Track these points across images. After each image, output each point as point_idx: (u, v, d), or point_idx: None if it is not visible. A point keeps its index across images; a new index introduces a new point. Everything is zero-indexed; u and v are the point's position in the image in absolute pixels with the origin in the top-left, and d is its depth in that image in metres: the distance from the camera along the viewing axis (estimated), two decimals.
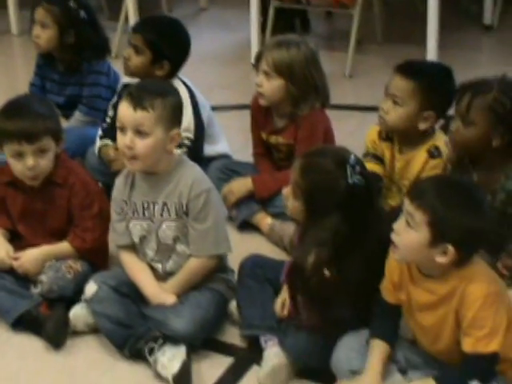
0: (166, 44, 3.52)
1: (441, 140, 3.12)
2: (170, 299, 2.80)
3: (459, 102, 2.80)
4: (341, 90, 3.65)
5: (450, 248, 2.27)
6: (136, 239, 2.88)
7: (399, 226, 2.34)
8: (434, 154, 3.10)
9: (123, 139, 2.72)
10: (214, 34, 5.74)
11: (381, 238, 2.47)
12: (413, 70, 3.13)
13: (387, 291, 2.52)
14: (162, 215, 2.82)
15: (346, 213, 2.53)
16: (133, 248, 2.91)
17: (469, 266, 2.35)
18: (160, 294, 2.83)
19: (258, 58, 3.47)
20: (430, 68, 3.37)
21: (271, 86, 3.40)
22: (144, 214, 2.84)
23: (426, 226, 2.27)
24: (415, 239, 2.30)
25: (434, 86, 3.09)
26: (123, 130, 2.72)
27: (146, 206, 2.83)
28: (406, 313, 2.51)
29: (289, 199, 2.64)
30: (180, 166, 2.84)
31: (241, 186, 3.51)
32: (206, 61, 5.10)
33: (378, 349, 2.47)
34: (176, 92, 2.89)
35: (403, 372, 2.52)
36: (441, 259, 2.29)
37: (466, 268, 2.34)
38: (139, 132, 2.70)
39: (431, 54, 4.71)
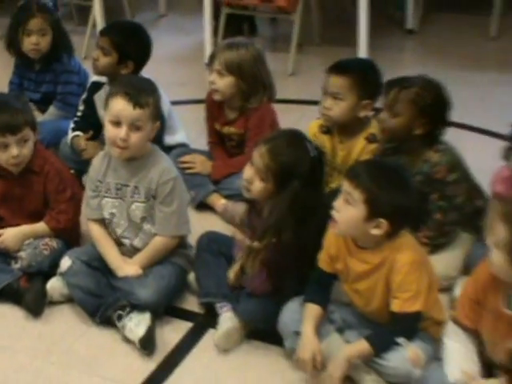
0: (131, 46, 3.48)
1: (376, 127, 3.12)
2: (132, 270, 2.78)
3: (387, 96, 2.84)
4: (284, 86, 3.64)
5: (384, 222, 2.30)
6: (107, 215, 2.86)
7: (339, 203, 2.35)
8: (371, 139, 3.10)
9: (117, 132, 2.69)
10: (171, 37, 5.68)
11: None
12: (345, 67, 3.12)
13: (324, 261, 2.52)
14: (132, 196, 2.80)
15: (306, 183, 2.53)
16: (103, 223, 2.88)
17: (398, 238, 2.37)
18: (123, 266, 2.81)
19: (212, 58, 3.44)
20: (358, 63, 3.40)
21: (224, 83, 3.37)
22: (116, 193, 2.83)
23: (363, 204, 2.29)
24: (353, 215, 2.31)
25: (367, 77, 3.10)
26: (119, 124, 2.70)
27: (118, 187, 2.82)
28: (343, 280, 2.52)
29: (254, 182, 2.61)
30: (152, 154, 2.83)
31: (205, 166, 3.51)
32: (165, 61, 5.05)
33: (312, 311, 2.47)
34: (157, 89, 2.86)
35: (340, 331, 2.54)
36: (375, 232, 2.32)
37: (396, 240, 2.37)
38: (134, 126, 2.69)
39: (362, 54, 4.71)
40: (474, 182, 3.00)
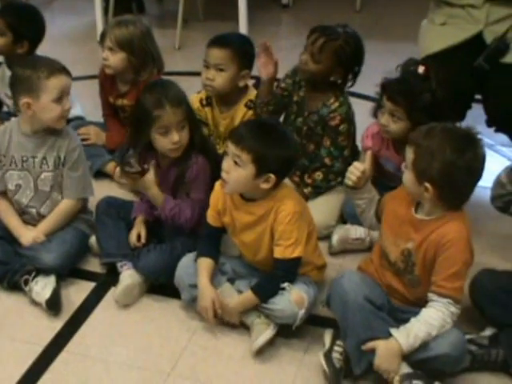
0: (25, 26, 3.34)
1: (253, 94, 3.10)
2: (33, 238, 2.69)
3: (312, 43, 2.80)
4: (172, 59, 3.58)
5: (272, 176, 2.29)
6: (11, 187, 2.74)
7: (227, 165, 2.32)
8: (250, 106, 3.08)
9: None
10: (65, 18, 5.48)
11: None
12: (225, 40, 3.09)
13: (212, 217, 2.50)
14: (41, 167, 2.70)
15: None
16: (6, 195, 2.77)
17: (280, 189, 2.37)
18: (25, 233, 2.71)
19: (103, 36, 3.32)
20: (236, 37, 3.33)
21: (115, 59, 3.27)
22: (22, 165, 2.71)
23: (251, 163, 2.27)
24: (243, 174, 2.29)
25: (245, 49, 3.09)
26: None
27: (25, 159, 2.70)
28: (231, 233, 2.50)
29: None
30: None
31: (100, 137, 3.42)
32: (60, 41, 4.88)
33: (204, 264, 2.45)
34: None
35: (232, 281, 2.52)
36: (264, 186, 2.31)
37: (278, 191, 2.36)
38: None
39: (242, 29, 4.65)
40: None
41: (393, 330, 2.15)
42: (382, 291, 2.28)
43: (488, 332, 2.34)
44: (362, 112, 2.99)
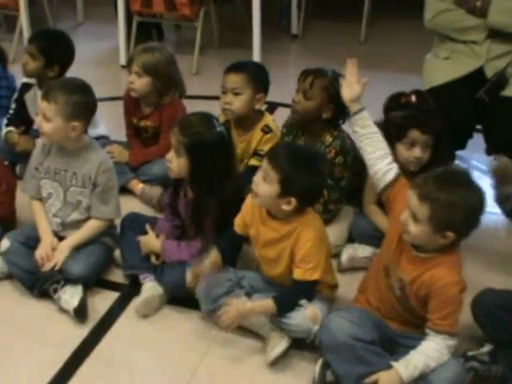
0: (56, 51, 3.34)
1: (268, 119, 3.13)
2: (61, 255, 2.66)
3: (303, 82, 2.83)
4: (190, 84, 3.59)
5: (293, 200, 2.29)
6: (44, 194, 2.76)
7: (258, 178, 2.33)
8: (266, 130, 3.10)
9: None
10: (89, 42, 5.47)
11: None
12: (241, 66, 3.12)
13: (238, 225, 2.50)
14: (70, 181, 2.71)
15: (217, 154, 2.52)
16: (41, 200, 2.79)
17: (305, 214, 2.37)
18: (47, 240, 2.70)
19: (130, 61, 3.34)
20: (250, 63, 3.40)
21: (141, 83, 3.29)
22: (54, 177, 2.73)
23: (277, 183, 2.27)
24: (268, 191, 2.29)
25: (259, 74, 3.11)
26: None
27: (57, 171, 2.72)
28: (254, 246, 2.50)
29: (172, 161, 2.55)
30: (90, 146, 2.74)
31: (123, 155, 3.41)
32: (84, 64, 4.80)
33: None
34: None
35: (249, 295, 2.52)
36: (285, 207, 2.31)
37: (303, 215, 2.36)
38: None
39: (256, 56, 4.68)
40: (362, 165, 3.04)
41: (393, 362, 2.15)
42: (372, 324, 2.22)
43: (487, 348, 2.34)
44: None
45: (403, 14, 5.80)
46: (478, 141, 3.18)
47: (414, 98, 2.68)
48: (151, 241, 2.70)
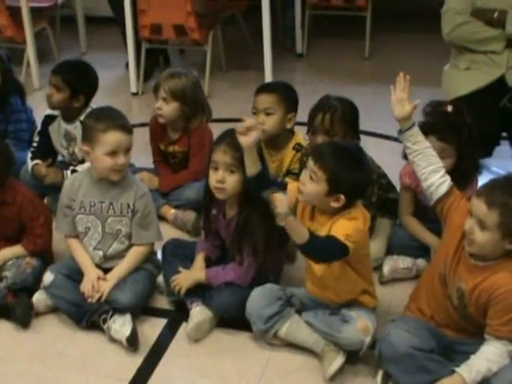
0: (81, 82, 3.32)
1: (300, 138, 3.14)
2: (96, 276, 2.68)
3: (320, 122, 2.80)
4: None
5: (342, 197, 2.29)
6: (81, 229, 2.74)
7: (304, 178, 2.33)
8: (298, 149, 3.11)
9: (117, 160, 2.63)
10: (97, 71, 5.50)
11: None
12: (271, 87, 3.16)
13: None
14: (107, 212, 2.69)
15: None
16: (78, 237, 2.77)
17: (353, 208, 2.35)
18: (91, 273, 2.69)
19: (156, 87, 3.34)
20: (279, 83, 3.36)
21: (169, 109, 3.29)
22: (90, 210, 2.71)
23: (325, 182, 2.28)
24: (317, 190, 2.30)
25: (289, 93, 3.12)
26: (115, 153, 2.62)
27: (92, 204, 2.70)
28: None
29: (225, 181, 2.53)
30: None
31: (152, 181, 3.38)
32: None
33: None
34: None
35: (299, 312, 2.53)
36: (334, 204, 2.31)
37: (351, 209, 2.35)
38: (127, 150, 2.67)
39: (268, 77, 4.70)
40: (387, 178, 3.06)
41: (456, 368, 2.16)
42: (430, 332, 2.24)
43: None
44: (387, 150, 3.11)
45: (404, 27, 5.88)
46: (504, 148, 3.21)
47: (449, 108, 2.70)
48: (193, 274, 2.67)
